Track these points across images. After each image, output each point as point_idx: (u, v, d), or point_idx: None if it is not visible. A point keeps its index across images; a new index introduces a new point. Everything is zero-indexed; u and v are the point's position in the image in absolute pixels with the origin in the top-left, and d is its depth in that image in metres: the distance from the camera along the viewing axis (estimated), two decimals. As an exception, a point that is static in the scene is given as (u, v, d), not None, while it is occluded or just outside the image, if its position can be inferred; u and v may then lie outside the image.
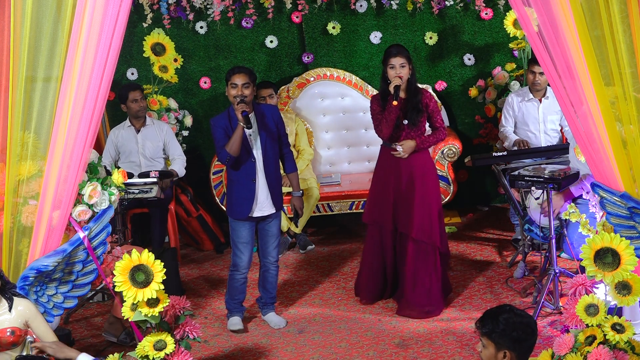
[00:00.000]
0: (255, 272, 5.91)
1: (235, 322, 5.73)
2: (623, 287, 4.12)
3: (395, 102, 5.51)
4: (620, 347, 4.11)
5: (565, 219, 5.39)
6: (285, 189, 7.10)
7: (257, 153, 5.52)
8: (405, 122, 5.70)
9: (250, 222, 5.59)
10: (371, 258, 5.98)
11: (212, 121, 5.58)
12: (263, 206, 5.56)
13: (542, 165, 5.83)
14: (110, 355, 4.47)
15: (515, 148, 6.51)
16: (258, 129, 5.52)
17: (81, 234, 4.50)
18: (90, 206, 4.57)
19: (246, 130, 5.44)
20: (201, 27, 7.57)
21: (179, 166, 6.86)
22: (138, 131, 6.87)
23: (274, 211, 5.63)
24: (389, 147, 5.77)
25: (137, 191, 6.21)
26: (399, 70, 5.61)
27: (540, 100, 6.68)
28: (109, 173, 6.09)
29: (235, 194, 5.55)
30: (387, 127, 5.66)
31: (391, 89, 5.57)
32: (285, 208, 7.16)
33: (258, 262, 5.84)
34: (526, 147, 6.54)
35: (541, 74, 6.49)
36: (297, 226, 7.03)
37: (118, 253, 5.15)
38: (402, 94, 5.68)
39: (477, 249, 6.90)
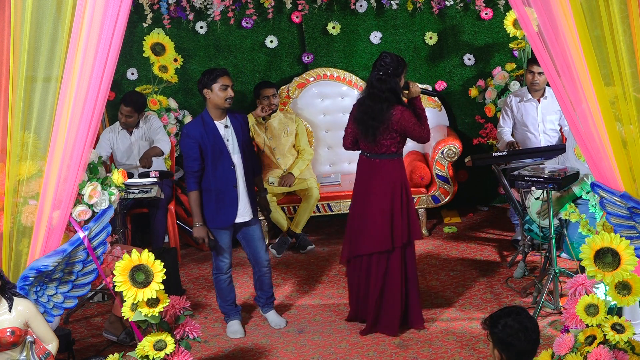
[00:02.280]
0: (245, 272, 5.88)
1: (235, 329, 5.73)
2: (623, 287, 4.12)
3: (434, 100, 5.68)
4: (620, 347, 4.11)
5: (565, 219, 5.39)
6: (281, 189, 7.12)
7: (237, 159, 5.49)
8: None
9: (230, 229, 5.59)
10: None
11: (185, 129, 5.49)
12: (244, 212, 5.55)
13: (542, 165, 5.83)
14: (110, 355, 4.48)
15: (505, 152, 6.46)
16: (235, 135, 5.50)
17: (81, 234, 4.49)
18: (90, 206, 4.57)
19: (224, 134, 5.45)
20: (201, 27, 7.58)
21: (162, 144, 6.80)
22: (130, 133, 6.87)
23: (253, 216, 5.62)
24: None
25: (137, 191, 6.21)
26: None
27: (539, 101, 6.68)
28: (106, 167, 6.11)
29: (216, 203, 5.50)
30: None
31: (419, 89, 5.46)
32: (284, 208, 7.19)
33: (240, 260, 5.86)
34: (517, 149, 6.53)
35: (540, 74, 6.50)
36: (267, 221, 7.06)
37: (118, 253, 5.15)
38: None
39: (477, 249, 6.90)
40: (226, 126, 5.48)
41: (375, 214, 5.48)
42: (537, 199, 5.77)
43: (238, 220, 5.55)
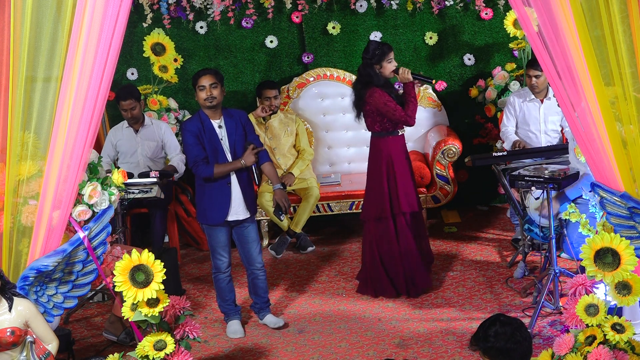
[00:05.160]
0: (245, 272, 5.88)
1: (234, 329, 5.73)
2: (623, 287, 4.12)
3: (433, 80, 6.14)
4: (620, 347, 4.11)
5: (565, 219, 5.39)
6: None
7: (229, 157, 5.51)
8: None
9: (226, 226, 5.59)
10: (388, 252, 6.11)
11: (184, 124, 5.58)
12: (238, 210, 5.55)
13: (543, 165, 5.83)
14: (110, 355, 4.48)
15: (505, 152, 6.49)
16: (227, 133, 5.51)
17: (81, 234, 4.49)
18: (90, 206, 4.56)
19: (218, 133, 5.47)
20: (201, 27, 7.58)
21: (177, 162, 6.83)
22: (137, 132, 6.86)
23: (249, 215, 5.61)
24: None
25: (137, 191, 6.21)
26: (395, 63, 6.03)
27: (541, 101, 6.68)
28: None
29: (209, 199, 5.53)
30: (416, 110, 6.01)
31: (409, 76, 5.95)
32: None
33: (240, 261, 5.85)
34: (523, 148, 6.54)
35: (537, 77, 6.51)
36: (281, 220, 7.02)
37: (118, 253, 5.15)
38: None
39: (477, 249, 6.90)
40: (220, 126, 5.52)
41: (367, 185, 6.23)
42: (537, 199, 5.77)
43: (231, 218, 5.55)
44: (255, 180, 5.60)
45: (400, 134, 6.06)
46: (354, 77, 7.61)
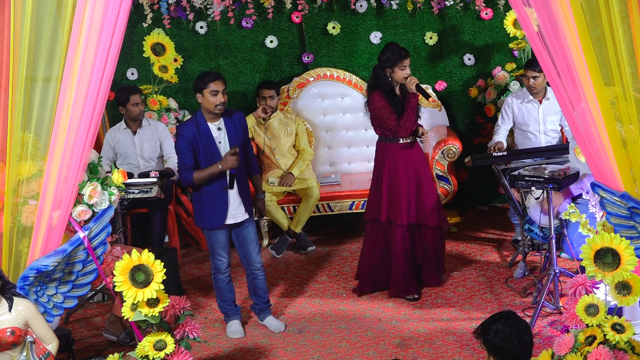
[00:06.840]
0: (245, 272, 5.89)
1: (235, 329, 5.73)
2: (623, 287, 4.12)
3: (431, 99, 5.88)
4: (620, 347, 4.12)
5: (565, 219, 5.39)
6: (282, 189, 7.11)
7: None
8: None
9: (225, 228, 5.58)
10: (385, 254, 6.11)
11: (179, 128, 5.56)
12: (236, 213, 5.54)
13: (542, 165, 5.83)
14: (110, 355, 4.48)
15: (505, 152, 6.48)
16: (227, 136, 5.49)
17: (81, 234, 4.49)
18: (90, 206, 4.57)
19: (216, 136, 5.45)
20: (201, 27, 7.58)
21: (174, 164, 6.82)
22: (135, 133, 6.86)
23: (247, 217, 5.61)
24: (407, 140, 5.97)
25: (137, 191, 6.21)
26: (409, 71, 5.93)
27: (540, 102, 6.68)
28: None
29: (207, 204, 5.51)
30: (411, 123, 5.90)
31: (413, 87, 5.86)
32: (285, 208, 7.19)
33: (240, 261, 5.84)
34: (501, 150, 6.53)
35: (535, 77, 6.51)
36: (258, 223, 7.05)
37: (118, 253, 5.15)
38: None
39: (477, 249, 6.90)
40: (219, 128, 5.49)
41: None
42: (537, 198, 5.77)
43: (230, 221, 5.54)
44: (228, 185, 5.47)
45: (403, 142, 5.95)
46: (354, 77, 7.64)
